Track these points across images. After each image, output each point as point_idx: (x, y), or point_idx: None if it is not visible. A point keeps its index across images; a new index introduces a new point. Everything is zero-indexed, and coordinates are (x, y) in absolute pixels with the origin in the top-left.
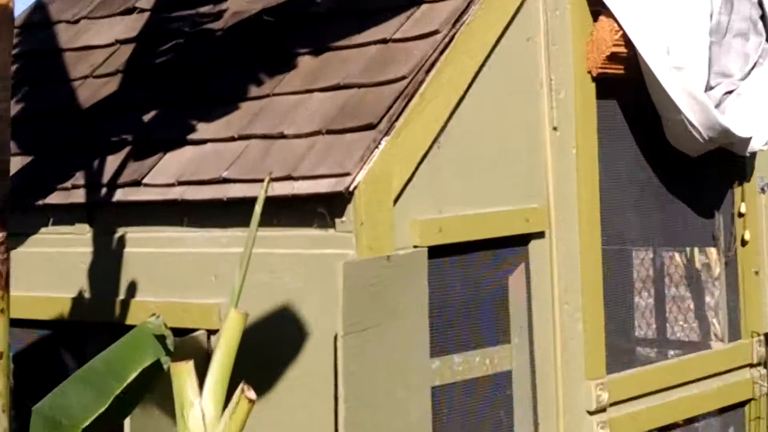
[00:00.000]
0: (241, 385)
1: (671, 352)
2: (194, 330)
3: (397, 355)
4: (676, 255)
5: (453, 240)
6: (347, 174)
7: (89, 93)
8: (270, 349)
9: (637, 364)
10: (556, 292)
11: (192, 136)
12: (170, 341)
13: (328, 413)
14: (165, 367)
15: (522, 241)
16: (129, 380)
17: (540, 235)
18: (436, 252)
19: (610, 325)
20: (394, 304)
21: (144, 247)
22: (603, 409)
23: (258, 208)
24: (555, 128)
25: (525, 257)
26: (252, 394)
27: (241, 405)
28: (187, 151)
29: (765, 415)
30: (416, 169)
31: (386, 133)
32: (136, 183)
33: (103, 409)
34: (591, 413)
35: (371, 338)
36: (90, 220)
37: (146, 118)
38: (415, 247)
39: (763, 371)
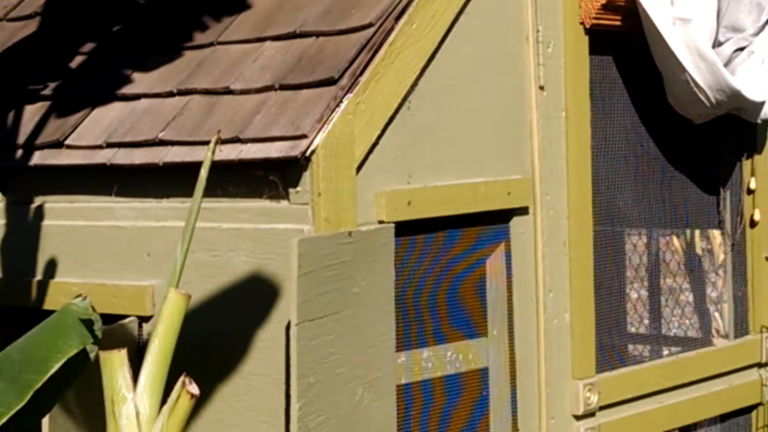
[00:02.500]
0: (182, 378)
1: (666, 350)
2: (123, 316)
3: (358, 348)
4: (674, 239)
5: (424, 215)
6: (303, 136)
7: (2, 38)
8: (212, 339)
9: (630, 362)
10: (541, 278)
11: (123, 91)
12: (98, 327)
13: (279, 413)
14: (92, 356)
15: (502, 217)
16: (51, 372)
17: (523, 211)
18: (404, 228)
19: (601, 318)
20: (356, 289)
21: (66, 219)
22: (592, 414)
23: (204, 173)
24: (542, 87)
25: (505, 236)
26: (194, 389)
27: (182, 401)
28: (118, 107)
29: None
30: (383, 132)
31: (349, 90)
32: (58, 144)
33: (21, 406)
34: (578, 418)
35: (329, 328)
36: (2, 188)
37: (70, 68)
38: (380, 222)
39: None
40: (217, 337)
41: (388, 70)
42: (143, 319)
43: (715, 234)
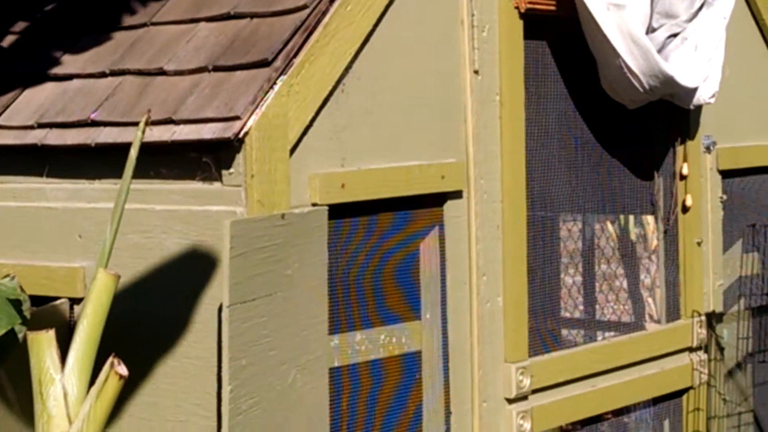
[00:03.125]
0: (110, 359)
1: (600, 335)
2: (55, 298)
3: (290, 330)
4: (609, 225)
5: (357, 198)
6: (237, 118)
7: None
8: (144, 322)
9: (562, 346)
10: (474, 262)
11: (55, 71)
12: (27, 307)
13: (211, 395)
14: (20, 337)
15: (436, 201)
16: None
17: (457, 194)
18: (337, 211)
19: (534, 302)
20: (289, 271)
21: None
22: (524, 397)
23: (133, 152)
24: (476, 72)
25: (439, 220)
26: (123, 370)
27: (110, 382)
28: (50, 87)
29: (705, 406)
30: (317, 114)
31: (283, 72)
32: None
33: None
34: (510, 401)
35: (261, 310)
36: None
37: (1, 47)
38: (313, 205)
39: (704, 356)
40: (150, 319)
41: (323, 53)
42: (74, 301)
43: (649, 220)
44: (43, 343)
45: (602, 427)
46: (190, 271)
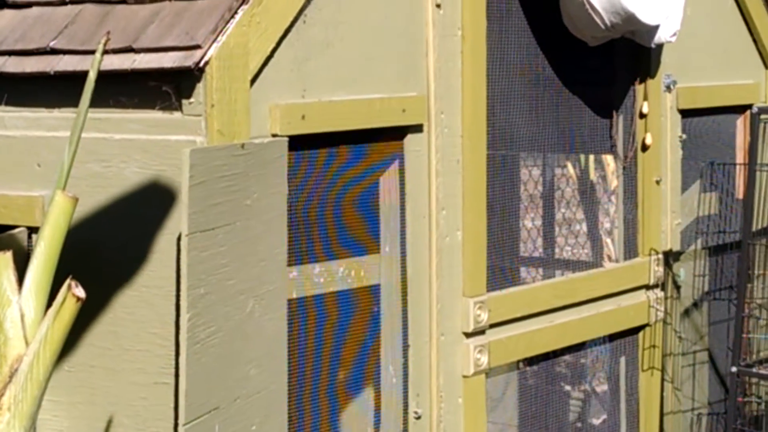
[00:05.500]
0: (67, 281)
1: (559, 274)
2: (13, 227)
3: (249, 260)
4: (570, 166)
5: (318, 129)
6: (197, 47)
7: None
8: (103, 252)
9: (521, 282)
10: (434, 196)
11: None
12: None
13: (169, 324)
14: None
15: (397, 134)
16: None
17: (417, 128)
18: (297, 142)
19: (493, 238)
20: (248, 201)
21: None
22: (482, 331)
23: (92, 73)
24: (438, 5)
25: (400, 154)
26: (80, 292)
27: (67, 304)
28: (8, 15)
29: (661, 343)
30: (278, 45)
31: (244, 1)
32: None
33: None
34: (468, 335)
35: (220, 239)
36: None
37: None
38: (274, 135)
39: (661, 294)
40: (109, 249)
41: None
42: (33, 230)
43: (609, 160)
44: (0, 265)
45: (559, 364)
46: (149, 201)
